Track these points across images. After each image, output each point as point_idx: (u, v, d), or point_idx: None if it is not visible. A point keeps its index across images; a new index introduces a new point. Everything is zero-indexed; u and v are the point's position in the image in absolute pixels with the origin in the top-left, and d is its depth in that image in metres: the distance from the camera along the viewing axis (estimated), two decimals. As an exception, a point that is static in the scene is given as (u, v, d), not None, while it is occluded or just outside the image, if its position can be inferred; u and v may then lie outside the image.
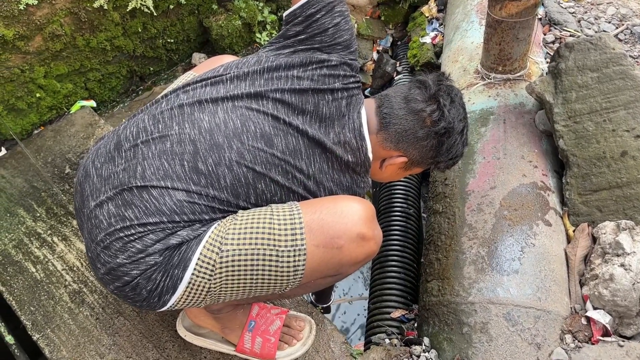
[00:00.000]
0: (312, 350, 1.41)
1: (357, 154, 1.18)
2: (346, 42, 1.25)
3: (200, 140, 1.10)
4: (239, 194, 1.11)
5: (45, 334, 1.49)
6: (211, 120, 1.12)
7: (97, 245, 1.08)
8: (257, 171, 1.10)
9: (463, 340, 1.33)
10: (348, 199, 1.13)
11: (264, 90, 1.16)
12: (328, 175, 1.17)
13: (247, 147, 1.10)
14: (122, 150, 1.13)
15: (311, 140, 1.14)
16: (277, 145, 1.12)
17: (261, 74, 1.18)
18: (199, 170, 1.08)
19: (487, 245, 1.42)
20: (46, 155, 2.00)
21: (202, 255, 1.05)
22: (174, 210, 1.07)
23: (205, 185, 1.08)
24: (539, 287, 1.34)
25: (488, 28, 1.69)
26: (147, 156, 1.10)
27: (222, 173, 1.09)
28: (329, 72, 1.19)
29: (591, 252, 1.44)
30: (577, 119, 1.53)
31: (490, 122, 1.68)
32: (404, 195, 1.95)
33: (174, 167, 1.08)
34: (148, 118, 1.16)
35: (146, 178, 1.08)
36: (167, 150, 1.10)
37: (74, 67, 2.08)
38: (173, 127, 1.12)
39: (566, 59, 1.57)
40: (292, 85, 1.16)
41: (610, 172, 1.47)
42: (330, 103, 1.18)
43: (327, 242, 1.06)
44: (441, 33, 2.42)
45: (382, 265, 1.75)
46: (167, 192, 1.07)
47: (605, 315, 1.32)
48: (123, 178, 1.09)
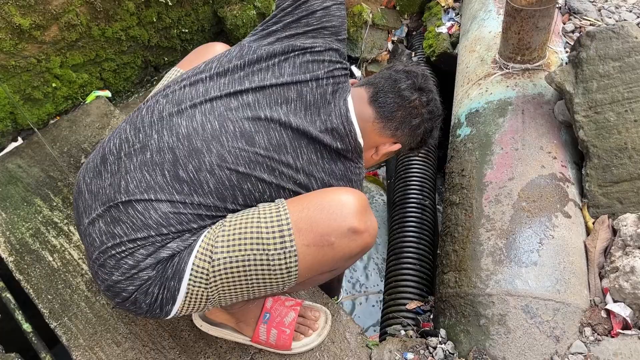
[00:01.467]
0: (328, 340, 1.40)
1: (345, 140, 1.16)
2: (334, 28, 1.23)
3: (178, 147, 1.08)
4: (225, 198, 1.08)
5: (62, 322, 1.50)
6: (189, 125, 1.10)
7: (94, 263, 1.09)
8: (241, 172, 1.08)
9: (480, 332, 1.32)
10: (336, 191, 1.10)
11: (243, 87, 1.13)
12: (318, 165, 1.14)
13: (228, 149, 1.08)
14: (108, 163, 1.12)
15: (296, 131, 1.11)
16: (259, 143, 1.09)
17: (241, 69, 1.15)
18: (180, 179, 1.07)
19: (505, 236, 1.41)
20: (62, 145, 2.01)
21: (194, 266, 1.04)
22: (160, 223, 1.05)
23: (189, 193, 1.06)
24: (558, 280, 1.33)
25: (507, 17, 1.66)
26: (129, 169, 1.09)
27: (205, 178, 1.07)
28: (313, 59, 1.17)
29: (611, 245, 1.41)
30: (598, 109, 1.50)
31: (508, 113, 1.65)
32: (419, 187, 1.93)
33: (156, 178, 1.07)
34: (130, 128, 1.14)
35: (129, 192, 1.06)
36: (147, 161, 1.08)
37: (90, 57, 2.09)
38: (152, 135, 1.10)
39: (587, 48, 1.54)
40: (274, 77, 1.14)
41: (631, 164, 1.44)
42: (314, 90, 1.15)
43: (318, 240, 1.03)
44: (457, 23, 2.39)
45: (398, 257, 1.74)
46: (151, 205, 1.06)
47: (625, 308, 1.30)
48: (110, 193, 1.08)
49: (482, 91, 1.77)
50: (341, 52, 1.24)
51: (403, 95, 1.23)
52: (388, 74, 1.28)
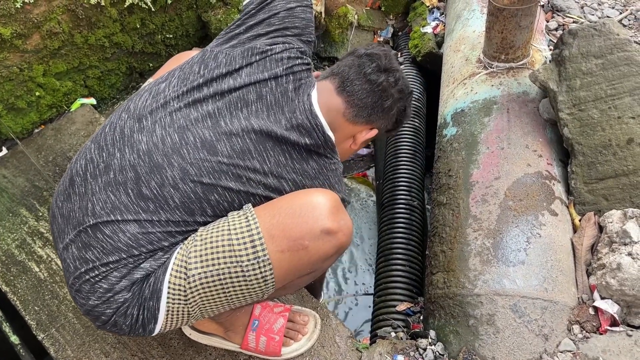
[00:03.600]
0: (318, 345, 1.40)
1: (313, 134, 1.13)
2: (297, 29, 1.22)
3: (139, 165, 1.06)
4: (193, 211, 1.07)
5: (50, 333, 1.49)
6: (149, 140, 1.08)
7: (71, 289, 1.08)
8: (206, 183, 1.06)
9: (469, 332, 1.32)
10: (307, 193, 1.09)
11: (202, 95, 1.11)
12: (287, 167, 1.11)
13: (189, 161, 1.06)
14: (75, 185, 1.11)
15: (259, 134, 1.09)
16: (221, 151, 1.07)
17: (201, 76, 1.13)
18: (144, 196, 1.05)
19: (492, 236, 1.41)
20: (47, 154, 1.99)
21: (170, 284, 1.03)
22: (130, 245, 1.04)
23: (155, 210, 1.05)
24: (546, 278, 1.33)
25: (490, 16, 1.66)
26: (95, 190, 1.07)
27: (169, 193, 1.05)
28: (271, 58, 1.15)
29: (598, 242, 1.42)
30: (582, 107, 1.50)
31: (493, 112, 1.66)
32: (408, 188, 1.93)
33: (120, 198, 1.05)
34: (94, 147, 1.13)
35: (96, 214, 1.05)
36: (110, 181, 1.07)
37: (73, 65, 2.07)
38: (115, 154, 1.09)
39: (570, 46, 1.54)
40: (232, 80, 1.12)
41: (616, 160, 1.45)
42: (274, 89, 1.13)
43: (291, 245, 1.03)
44: (442, 22, 2.39)
45: (387, 258, 1.74)
46: (118, 227, 1.04)
47: (613, 305, 1.30)
48: (79, 217, 1.07)
49: (468, 91, 1.77)
50: (303, 50, 1.21)
51: (370, 79, 1.21)
52: (351, 61, 1.25)
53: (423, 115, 2.25)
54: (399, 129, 1.35)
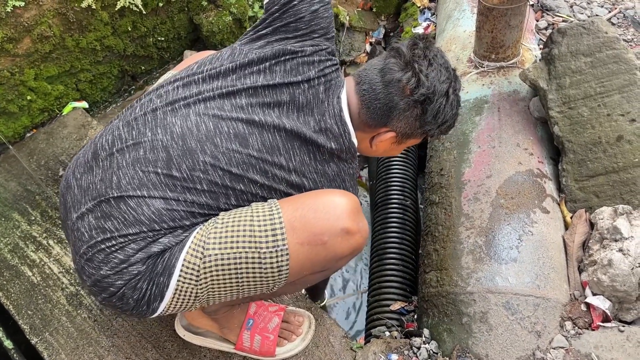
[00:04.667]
0: (312, 345, 1.40)
1: (340, 140, 1.14)
2: (323, 29, 1.21)
3: (172, 147, 1.08)
4: (218, 197, 1.09)
5: (43, 337, 1.48)
6: (183, 124, 1.10)
7: (81, 258, 1.08)
8: (234, 173, 1.08)
9: (463, 330, 1.33)
10: (330, 193, 1.11)
11: (236, 89, 1.13)
12: (311, 167, 1.13)
13: (222, 150, 1.08)
14: (99, 159, 1.12)
15: (289, 133, 1.11)
16: (252, 145, 1.09)
17: (233, 71, 1.15)
18: (174, 177, 1.07)
19: (484, 234, 1.42)
20: (39, 158, 1.98)
21: (185, 262, 1.04)
22: (152, 219, 1.05)
23: (182, 191, 1.07)
24: (538, 275, 1.34)
25: (480, 16, 1.68)
26: (121, 165, 1.08)
27: (198, 178, 1.07)
28: (303, 61, 1.16)
29: (589, 238, 1.43)
30: (572, 105, 1.51)
31: (484, 111, 1.67)
32: (401, 187, 1.94)
33: (149, 175, 1.07)
34: (123, 125, 1.14)
35: (122, 188, 1.06)
36: (140, 158, 1.08)
37: (65, 68, 2.06)
38: (146, 133, 1.10)
39: (559, 45, 1.55)
40: (265, 80, 1.14)
41: (606, 157, 1.46)
42: (306, 91, 1.14)
43: (311, 239, 1.04)
44: (433, 23, 2.41)
45: (381, 257, 1.74)
46: (144, 201, 1.05)
47: (604, 301, 1.31)
48: (100, 189, 1.08)
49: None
50: (330, 50, 1.22)
51: (384, 77, 1.13)
52: (380, 56, 1.20)
53: (415, 115, 2.26)
54: (445, 132, 1.24)
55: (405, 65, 1.12)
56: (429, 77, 1.12)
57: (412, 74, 1.11)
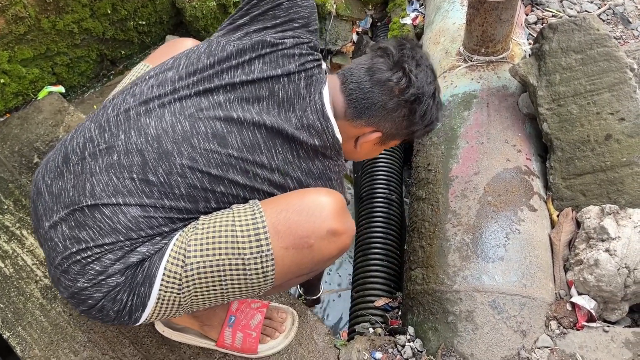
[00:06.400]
0: (295, 342, 1.37)
1: (323, 136, 1.09)
2: (303, 19, 1.17)
3: (147, 150, 1.02)
4: (197, 201, 1.04)
5: (16, 331, 1.43)
6: (158, 125, 1.04)
7: (56, 269, 1.03)
8: (213, 174, 1.03)
9: (448, 329, 1.31)
10: (314, 192, 1.07)
11: (213, 86, 1.07)
12: (294, 165, 1.09)
13: (199, 151, 1.03)
14: (71, 164, 1.06)
15: (270, 130, 1.06)
16: (231, 144, 1.04)
17: (211, 67, 1.10)
18: (150, 182, 1.01)
19: (471, 232, 1.40)
20: (13, 144, 1.91)
21: (166, 270, 0.99)
22: (129, 228, 1.00)
23: (159, 197, 1.02)
24: (524, 274, 1.33)
25: (470, 9, 1.65)
26: (94, 171, 1.03)
27: (176, 182, 1.02)
28: (283, 54, 1.11)
29: (575, 237, 1.42)
30: (561, 102, 1.50)
31: (473, 106, 1.65)
32: (386, 181, 1.91)
33: (124, 182, 1.01)
34: (94, 127, 1.08)
35: (96, 196, 1.01)
36: (114, 163, 1.03)
37: (40, 51, 1.98)
38: (119, 136, 1.05)
39: (550, 41, 1.53)
40: (244, 74, 1.09)
41: (594, 156, 1.45)
42: (287, 86, 1.09)
43: (297, 242, 1.01)
44: (422, 14, 2.37)
45: (365, 253, 1.72)
46: (119, 209, 1.00)
47: (590, 301, 1.31)
48: (73, 196, 1.02)
49: (447, 84, 1.76)
50: (313, 44, 1.17)
51: (373, 76, 1.12)
52: (365, 56, 1.18)
53: (402, 108, 2.23)
54: (428, 132, 1.23)
55: (394, 65, 1.12)
56: (418, 78, 1.12)
57: (402, 74, 1.11)
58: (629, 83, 1.43)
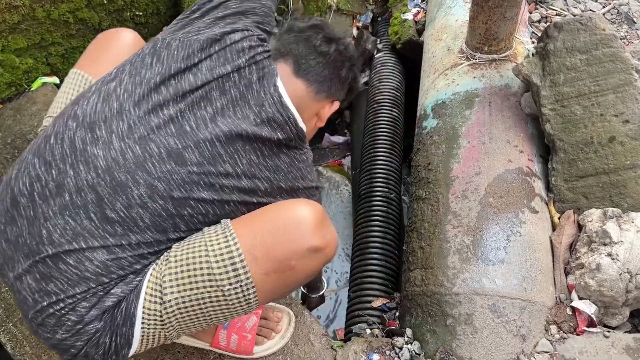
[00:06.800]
0: (291, 343, 1.35)
1: (286, 128, 1.06)
2: (257, 16, 1.16)
3: (100, 184, 0.95)
4: (165, 229, 0.98)
5: (6, 328, 1.40)
6: (107, 155, 0.96)
7: (32, 322, 0.98)
8: (176, 197, 0.96)
9: (447, 332, 1.29)
10: (288, 207, 1.02)
11: (162, 99, 1.00)
12: (261, 165, 1.03)
13: (156, 175, 0.96)
14: (20, 207, 0.97)
15: (228, 135, 1.00)
16: (189, 159, 0.97)
17: (157, 72, 1.02)
18: (110, 220, 0.95)
19: (472, 233, 1.38)
20: (5, 135, 1.87)
21: (145, 309, 0.96)
22: (99, 274, 0.95)
23: (124, 234, 0.95)
24: (525, 277, 1.31)
25: (474, 6, 1.61)
26: (48, 216, 0.95)
27: (138, 214, 0.95)
28: (231, 49, 1.07)
29: (577, 240, 1.40)
30: (565, 103, 1.48)
31: (475, 105, 1.62)
32: (385, 179, 1.89)
33: (82, 223, 0.94)
34: (39, 162, 0.99)
35: (55, 243, 0.94)
36: (67, 204, 0.95)
37: (34, 41, 1.94)
38: (67, 171, 0.96)
39: (555, 40, 1.51)
40: (193, 78, 1.02)
41: (597, 158, 1.43)
42: (238, 83, 1.04)
43: (277, 266, 0.97)
44: (423, 9, 2.34)
45: (363, 252, 1.70)
46: (84, 256, 0.94)
47: (590, 306, 1.29)
48: (31, 244, 0.95)
49: (449, 82, 1.73)
50: (263, 37, 1.13)
51: (322, 52, 1.14)
52: (295, 37, 1.15)
53: (401, 105, 2.21)
54: (353, 96, 1.29)
55: (330, 39, 1.16)
56: (350, 45, 1.22)
57: (342, 44, 1.18)
58: (634, 85, 1.41)
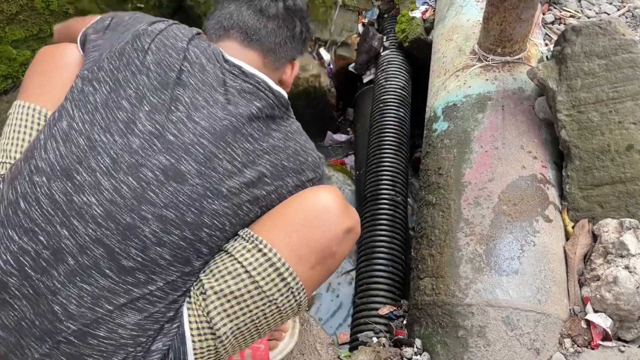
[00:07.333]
0: (298, 352, 1.31)
1: (260, 94, 1.00)
2: None
3: (105, 235, 0.85)
4: (188, 259, 0.91)
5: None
6: (100, 199, 0.86)
7: None
8: (191, 221, 0.89)
9: (458, 344, 1.26)
10: (309, 198, 1.00)
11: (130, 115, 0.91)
12: (257, 150, 0.97)
13: (162, 203, 0.87)
14: (12, 288, 0.84)
15: (212, 131, 0.93)
16: (188, 172, 0.90)
17: (109, 92, 0.93)
18: (128, 270, 0.86)
19: (485, 242, 1.34)
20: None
21: (197, 350, 0.92)
22: (135, 336, 0.87)
23: (147, 280, 0.88)
24: (539, 289, 1.27)
25: (490, 6, 1.57)
26: (56, 289, 0.84)
27: (156, 254, 0.87)
28: (165, 36, 1.01)
29: (591, 251, 1.37)
30: (582, 109, 1.44)
31: (488, 108, 1.58)
32: (392, 183, 1.85)
33: (98, 284, 0.85)
34: (17, 233, 0.85)
35: (75, 316, 0.84)
36: (74, 269, 0.84)
37: (32, 32, 1.88)
38: (60, 232, 0.85)
39: (572, 44, 1.46)
40: (148, 80, 0.94)
41: (614, 167, 1.39)
42: (192, 70, 0.97)
43: (320, 257, 0.97)
44: (432, 7, 2.29)
45: (369, 257, 1.66)
46: (114, 323, 0.86)
47: (606, 319, 1.25)
48: (44, 325, 0.84)
49: (460, 84, 1.68)
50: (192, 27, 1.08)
51: (271, 15, 1.10)
52: (235, 7, 1.10)
53: (408, 104, 2.16)
54: (307, 47, 1.27)
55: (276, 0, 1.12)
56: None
57: (290, 1, 1.13)
58: (654, 92, 1.37)
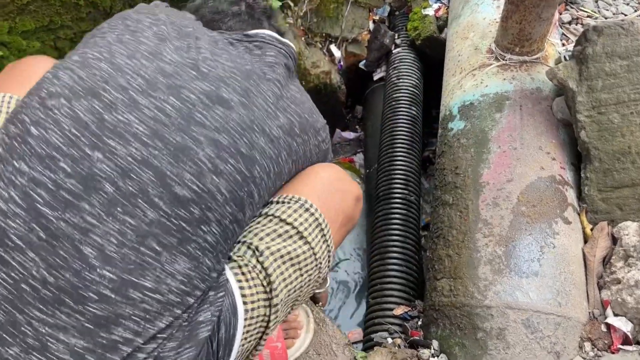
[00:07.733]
0: (314, 352, 1.30)
1: (270, 45, 0.97)
2: None
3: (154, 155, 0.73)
4: (242, 201, 0.80)
5: None
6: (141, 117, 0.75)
7: None
8: (245, 153, 0.80)
9: (477, 346, 1.24)
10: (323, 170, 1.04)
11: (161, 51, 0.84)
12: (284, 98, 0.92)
13: (213, 126, 0.77)
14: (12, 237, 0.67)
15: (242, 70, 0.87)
16: (232, 100, 0.81)
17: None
18: (182, 200, 0.73)
19: (504, 244, 1.32)
20: None
21: (247, 321, 0.84)
22: (184, 292, 0.73)
23: (201, 219, 0.75)
24: (559, 291, 1.26)
25: (509, 5, 1.55)
26: (87, 227, 0.68)
27: (213, 184, 0.75)
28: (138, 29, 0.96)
29: (611, 254, 1.35)
30: (602, 110, 1.42)
31: (505, 108, 1.56)
32: (405, 181, 1.83)
33: (147, 215, 0.71)
34: (30, 163, 0.70)
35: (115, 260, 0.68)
36: (113, 198, 0.70)
37: (43, 23, 1.86)
38: (92, 156, 0.71)
39: (594, 44, 1.45)
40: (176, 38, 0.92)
41: (634, 169, 1.38)
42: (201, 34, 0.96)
43: (345, 220, 1.04)
44: (445, 5, 2.27)
45: (383, 257, 1.64)
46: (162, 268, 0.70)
47: (627, 323, 1.24)
48: (63, 282, 0.66)
49: (477, 83, 1.67)
50: None
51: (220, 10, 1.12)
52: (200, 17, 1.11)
53: (420, 103, 2.15)
54: None
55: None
56: None
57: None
58: (677, 94, 1.36)
